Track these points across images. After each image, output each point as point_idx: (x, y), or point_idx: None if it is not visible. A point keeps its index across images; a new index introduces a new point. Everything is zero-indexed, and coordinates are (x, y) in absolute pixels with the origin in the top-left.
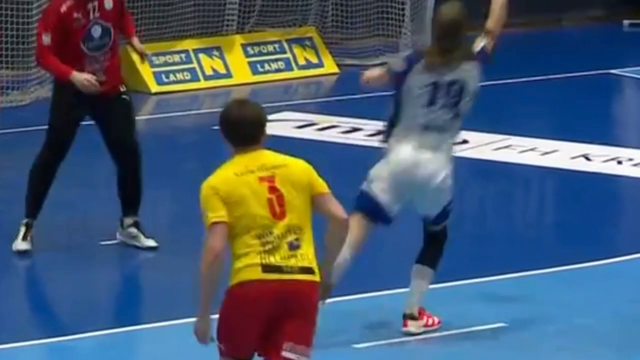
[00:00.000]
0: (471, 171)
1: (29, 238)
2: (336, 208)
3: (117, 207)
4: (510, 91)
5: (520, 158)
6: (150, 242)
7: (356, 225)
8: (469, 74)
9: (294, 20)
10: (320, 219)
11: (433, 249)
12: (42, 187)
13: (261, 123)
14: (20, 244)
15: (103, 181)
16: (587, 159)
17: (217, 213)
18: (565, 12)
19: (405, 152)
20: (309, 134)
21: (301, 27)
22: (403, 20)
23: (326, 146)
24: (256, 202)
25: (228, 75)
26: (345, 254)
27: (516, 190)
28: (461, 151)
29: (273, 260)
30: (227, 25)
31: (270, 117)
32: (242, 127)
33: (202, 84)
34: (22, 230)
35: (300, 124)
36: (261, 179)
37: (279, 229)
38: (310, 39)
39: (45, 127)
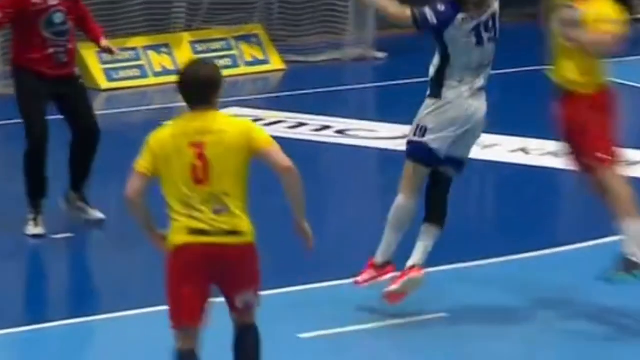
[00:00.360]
0: None
1: (40, 222)
2: (278, 158)
3: None
4: None
5: None
6: (99, 214)
7: (411, 173)
8: (495, 2)
9: (240, 18)
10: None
11: (439, 198)
12: (38, 172)
13: (212, 85)
14: (31, 229)
15: (54, 174)
16: (526, 152)
17: (141, 163)
18: (502, 9)
19: (463, 98)
20: None
21: (248, 24)
22: (347, 18)
23: None
24: (180, 165)
25: (176, 71)
26: (405, 203)
27: (457, 184)
28: (401, 146)
29: (198, 224)
30: (175, 23)
31: None
32: (192, 87)
33: (152, 80)
34: (31, 215)
35: (247, 119)
36: (192, 144)
37: (200, 195)
38: (256, 36)
39: (4, 122)
